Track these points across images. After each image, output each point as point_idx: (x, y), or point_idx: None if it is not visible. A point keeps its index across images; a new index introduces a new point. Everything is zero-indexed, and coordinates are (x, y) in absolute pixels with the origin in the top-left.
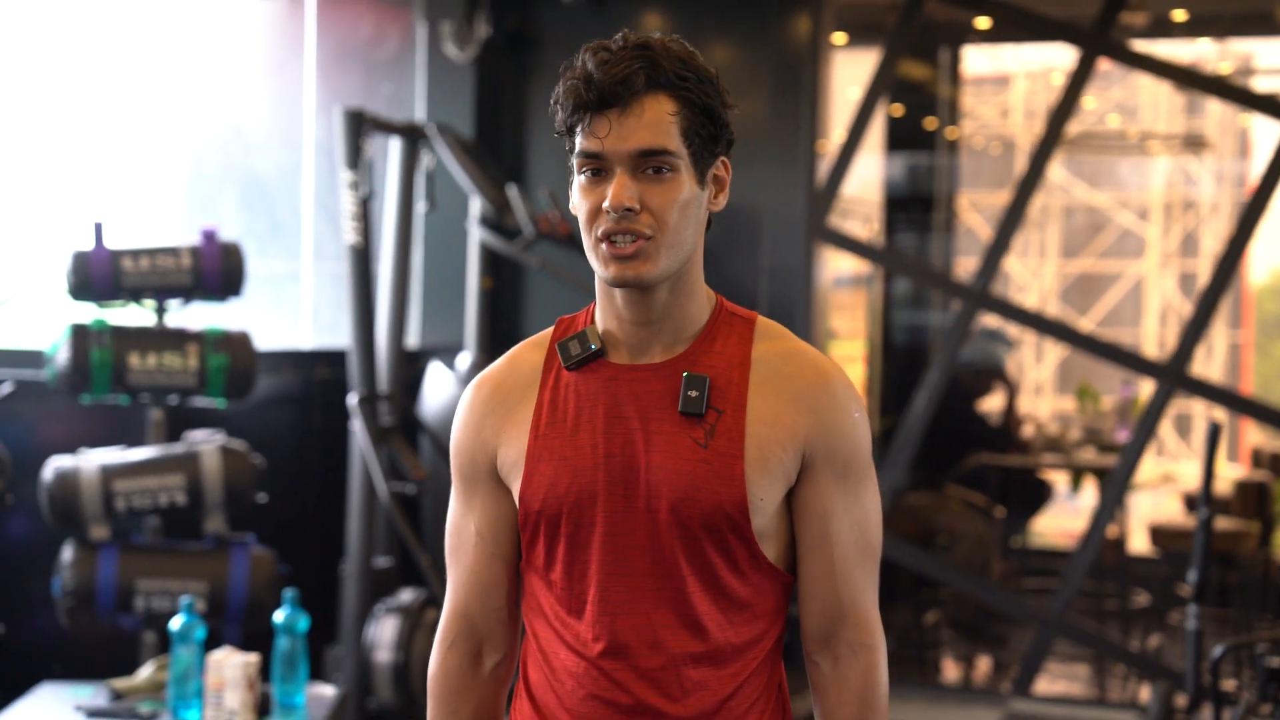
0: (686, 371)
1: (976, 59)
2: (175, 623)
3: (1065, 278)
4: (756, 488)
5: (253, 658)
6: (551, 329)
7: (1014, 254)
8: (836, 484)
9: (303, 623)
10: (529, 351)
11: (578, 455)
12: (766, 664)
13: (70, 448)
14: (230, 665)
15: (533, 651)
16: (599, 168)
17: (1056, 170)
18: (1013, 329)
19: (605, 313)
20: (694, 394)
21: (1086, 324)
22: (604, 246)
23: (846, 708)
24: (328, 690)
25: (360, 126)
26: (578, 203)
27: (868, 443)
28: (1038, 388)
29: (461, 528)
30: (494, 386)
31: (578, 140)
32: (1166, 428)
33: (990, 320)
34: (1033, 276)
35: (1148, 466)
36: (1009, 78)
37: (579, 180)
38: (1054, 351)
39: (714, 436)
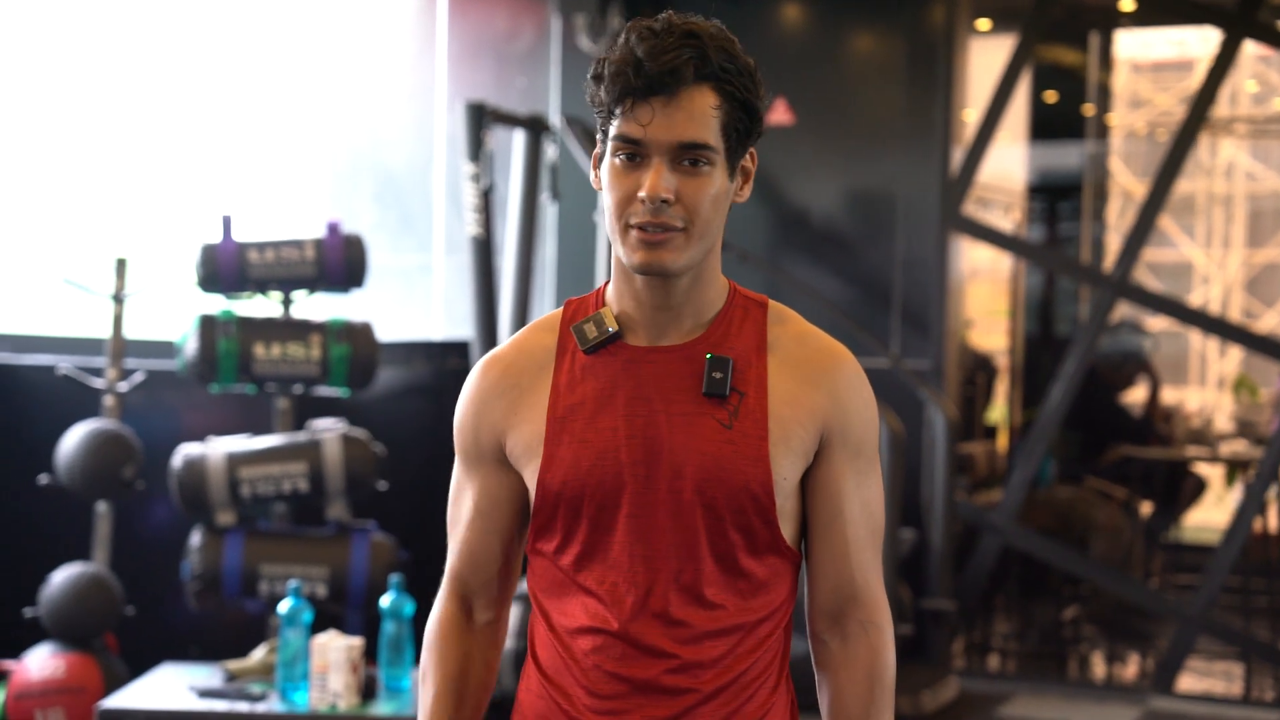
0: (710, 354)
1: (1158, 45)
2: (283, 606)
3: (1251, 268)
4: (780, 468)
5: (356, 641)
6: (560, 311)
7: (1196, 244)
8: (849, 464)
9: (409, 607)
10: (539, 335)
11: (599, 438)
12: (778, 638)
13: (202, 435)
14: (334, 649)
15: (541, 632)
16: (636, 153)
17: (1241, 157)
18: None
19: (622, 295)
20: (718, 375)
21: (1273, 316)
22: (633, 233)
23: (856, 685)
24: None
25: (482, 119)
26: (609, 184)
27: (877, 426)
28: (1221, 381)
29: (460, 503)
30: (504, 369)
31: (616, 123)
32: None
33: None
34: (1217, 268)
35: None
36: (1193, 63)
37: (613, 162)
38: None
39: (738, 418)
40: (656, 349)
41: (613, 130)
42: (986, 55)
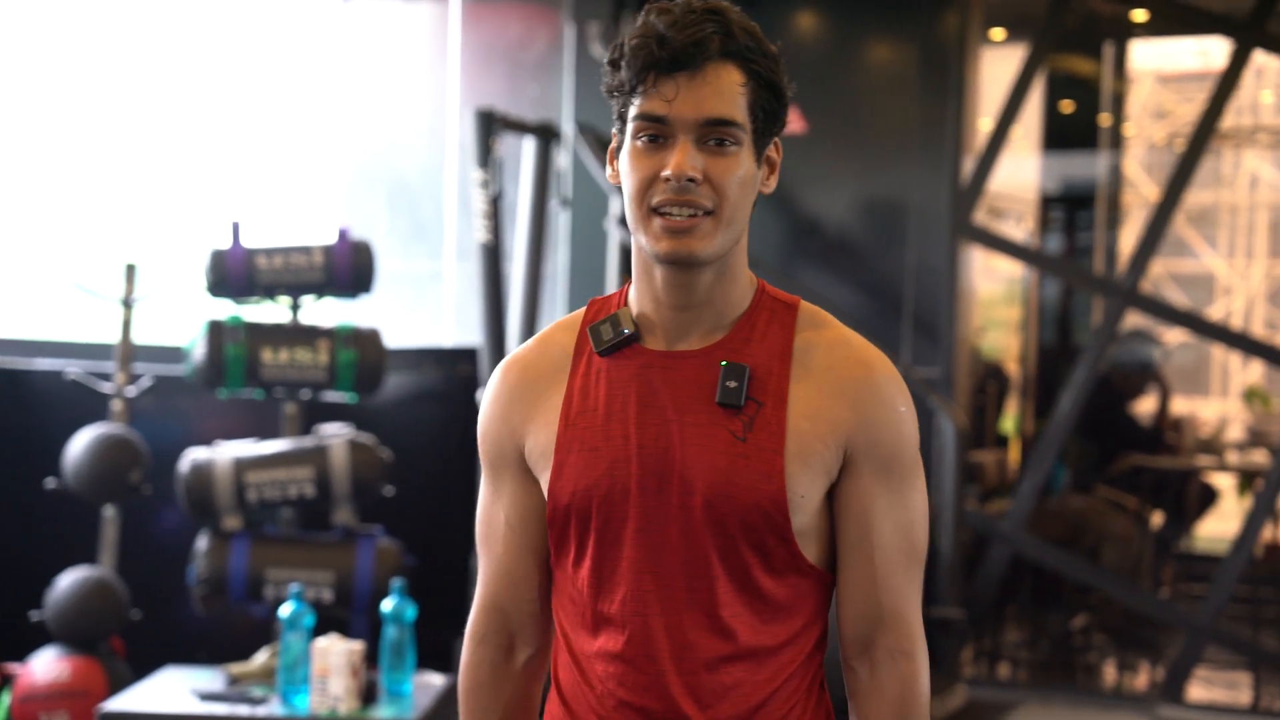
0: (725, 360)
1: (1181, 56)
2: (285, 610)
3: (1273, 280)
4: (797, 484)
5: (357, 645)
6: (582, 311)
7: (1219, 255)
8: (879, 482)
9: (410, 612)
10: (560, 334)
11: (609, 446)
12: (805, 665)
13: (209, 440)
14: (335, 653)
15: (562, 651)
16: (659, 133)
17: (1264, 168)
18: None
19: (642, 295)
20: (733, 384)
21: None
22: (657, 219)
23: (883, 718)
24: (436, 679)
25: (491, 126)
26: (628, 168)
27: (913, 439)
28: (1243, 391)
29: (491, 517)
30: (522, 370)
31: (637, 101)
32: None
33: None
34: (1239, 278)
35: None
36: (1216, 74)
37: (633, 145)
38: None
39: (753, 430)
40: (673, 354)
41: (633, 110)
42: (1000, 65)
